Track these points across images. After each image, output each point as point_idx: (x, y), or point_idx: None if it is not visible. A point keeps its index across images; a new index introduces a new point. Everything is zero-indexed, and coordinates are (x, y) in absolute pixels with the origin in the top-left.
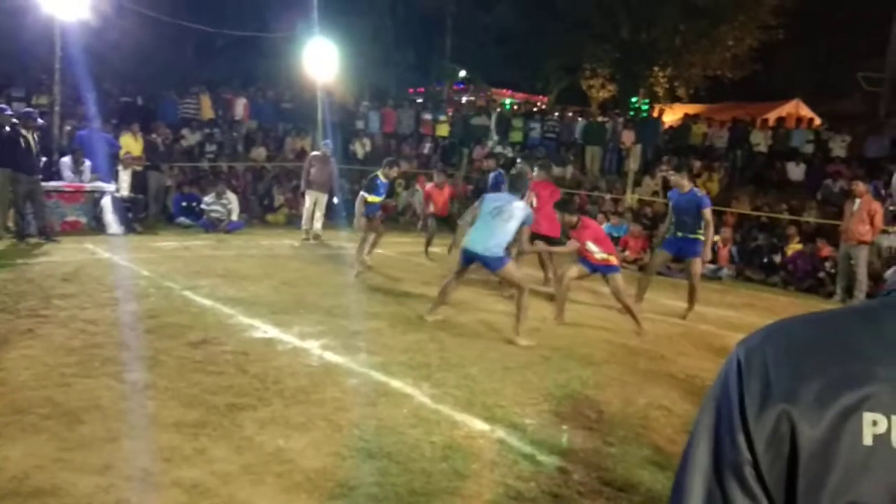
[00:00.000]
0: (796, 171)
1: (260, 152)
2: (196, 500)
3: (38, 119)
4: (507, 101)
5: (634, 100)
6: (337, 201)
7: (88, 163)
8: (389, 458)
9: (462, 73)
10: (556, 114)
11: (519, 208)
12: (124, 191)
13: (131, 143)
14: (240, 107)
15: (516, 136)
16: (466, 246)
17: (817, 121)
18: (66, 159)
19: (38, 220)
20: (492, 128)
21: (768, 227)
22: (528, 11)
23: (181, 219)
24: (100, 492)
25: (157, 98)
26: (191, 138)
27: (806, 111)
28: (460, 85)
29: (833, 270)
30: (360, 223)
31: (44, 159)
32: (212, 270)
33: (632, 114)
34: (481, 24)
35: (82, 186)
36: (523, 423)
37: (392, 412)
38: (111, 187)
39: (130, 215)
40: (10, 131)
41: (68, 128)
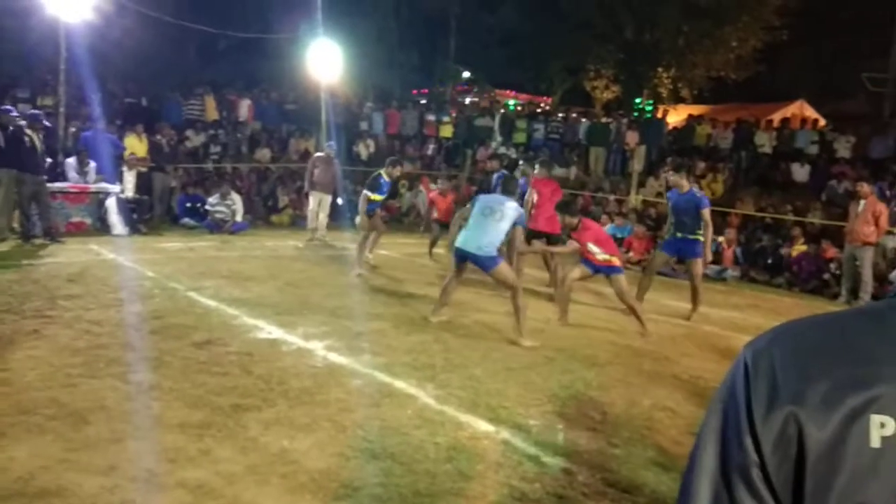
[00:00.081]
0: (801, 172)
1: (264, 153)
2: (201, 501)
3: (45, 121)
4: (510, 102)
5: (638, 101)
6: (341, 202)
7: (93, 164)
8: (393, 459)
9: (466, 74)
10: (560, 115)
11: (511, 208)
12: (129, 192)
13: (136, 145)
14: (244, 108)
15: (520, 137)
16: (459, 245)
17: (822, 122)
18: (71, 160)
19: (43, 220)
20: (495, 129)
21: (773, 228)
22: (531, 13)
23: (186, 220)
24: (105, 492)
25: (162, 99)
26: (195, 139)
27: (810, 112)
28: (464, 86)
29: (838, 272)
30: (362, 221)
31: (49, 160)
32: (216, 271)
33: (636, 115)
34: (485, 25)
35: (87, 187)
36: (528, 425)
37: (396, 413)
38: (116, 188)
39: (135, 216)
40: (15, 132)
41: (73, 129)
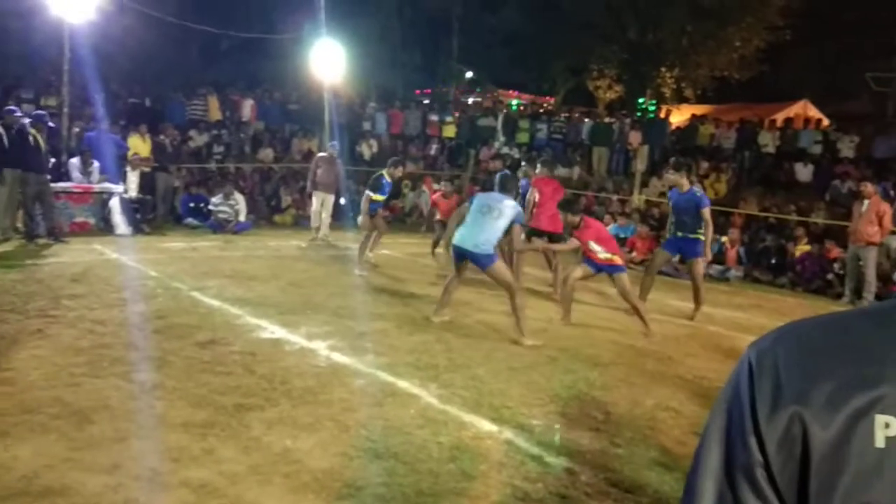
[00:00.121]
0: (804, 172)
1: (267, 153)
2: (204, 500)
3: (50, 122)
4: (513, 103)
5: (641, 101)
6: (344, 202)
7: (97, 164)
8: (397, 459)
9: (469, 74)
10: (563, 115)
11: (509, 206)
12: (132, 192)
13: (139, 145)
14: (247, 108)
15: (523, 137)
16: (456, 242)
17: (825, 121)
18: (75, 160)
19: (46, 220)
20: (498, 129)
21: (776, 228)
22: (534, 13)
23: (189, 220)
24: (108, 491)
25: (165, 99)
26: (198, 139)
27: (814, 112)
28: (467, 86)
29: (841, 272)
30: (364, 221)
31: (52, 160)
32: (219, 271)
33: (639, 115)
34: (488, 25)
35: (91, 187)
36: (530, 424)
37: (399, 413)
38: (119, 188)
39: (138, 216)
40: (19, 132)
41: (77, 129)
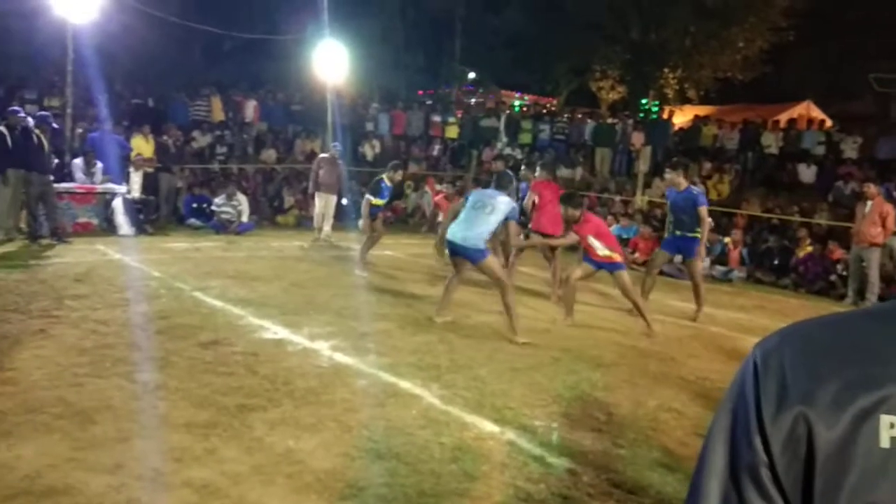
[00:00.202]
0: (807, 173)
1: (270, 154)
2: (206, 501)
3: (53, 123)
4: (516, 103)
5: (644, 101)
6: (346, 203)
7: (100, 164)
8: (399, 459)
9: (471, 75)
10: (566, 115)
11: (503, 202)
12: (135, 192)
13: (142, 145)
14: (250, 109)
15: (525, 137)
16: (448, 237)
17: (828, 122)
18: (78, 161)
19: (50, 221)
20: (501, 129)
21: (779, 229)
22: (537, 14)
23: (192, 220)
24: (111, 491)
25: (168, 100)
26: (201, 140)
27: (817, 113)
28: (470, 87)
29: (844, 273)
30: (364, 224)
31: (56, 161)
32: (222, 271)
33: (642, 115)
34: (490, 26)
35: (94, 188)
36: (533, 425)
37: (401, 413)
38: (122, 189)
39: (141, 217)
40: (23, 132)
41: (80, 130)
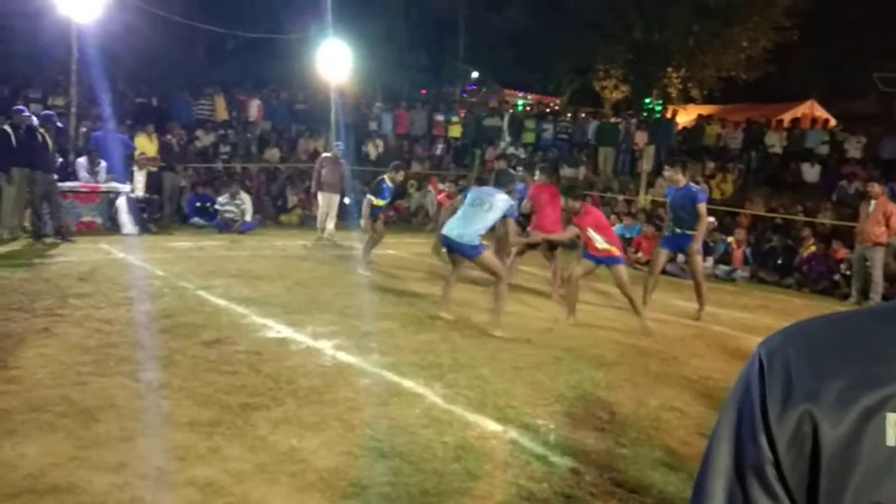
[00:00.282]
0: (811, 173)
1: (273, 153)
2: (210, 499)
3: (58, 122)
4: (519, 103)
5: (648, 101)
6: (349, 202)
7: (104, 163)
8: (402, 458)
9: (474, 74)
10: (569, 115)
11: (501, 200)
12: (139, 191)
13: (146, 144)
14: (254, 108)
15: (529, 137)
16: (444, 232)
17: (832, 122)
18: (82, 160)
19: (54, 220)
20: (504, 129)
21: (783, 228)
22: (539, 13)
23: (195, 219)
24: (115, 490)
25: (172, 99)
26: (205, 139)
27: (821, 112)
28: (473, 86)
29: (848, 272)
30: (366, 225)
31: (60, 160)
32: (226, 270)
33: (645, 115)
34: (493, 25)
35: (98, 187)
36: (535, 424)
37: (404, 412)
38: (126, 188)
39: (145, 216)
40: (27, 131)
41: (84, 129)
